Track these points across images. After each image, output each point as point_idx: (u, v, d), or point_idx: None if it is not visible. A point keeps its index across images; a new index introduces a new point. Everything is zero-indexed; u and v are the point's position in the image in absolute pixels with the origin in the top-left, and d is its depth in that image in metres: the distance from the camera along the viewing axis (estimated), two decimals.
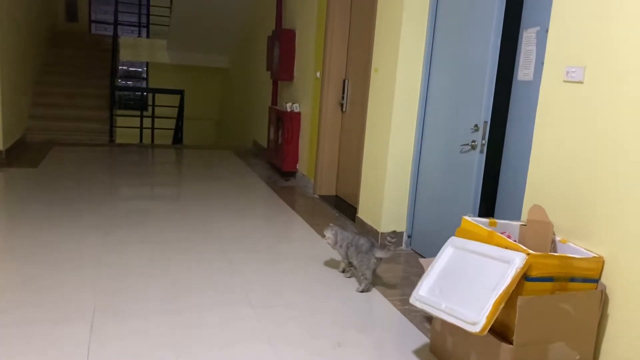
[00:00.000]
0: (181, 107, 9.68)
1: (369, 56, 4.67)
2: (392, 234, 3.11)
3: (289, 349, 2.46)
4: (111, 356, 2.31)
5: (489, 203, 3.37)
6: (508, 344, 2.04)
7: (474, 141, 3.28)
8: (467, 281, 2.14)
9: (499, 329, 2.11)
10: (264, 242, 3.94)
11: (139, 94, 11.95)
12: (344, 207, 5.09)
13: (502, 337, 2.10)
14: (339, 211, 4.95)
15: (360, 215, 4.35)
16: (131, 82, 13.06)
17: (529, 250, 2.02)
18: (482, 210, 3.37)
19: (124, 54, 10.16)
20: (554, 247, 2.36)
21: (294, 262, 3.58)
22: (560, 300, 2.06)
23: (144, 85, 12.56)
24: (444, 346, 2.41)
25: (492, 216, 3.24)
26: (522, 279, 2.01)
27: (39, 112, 8.03)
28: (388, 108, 3.90)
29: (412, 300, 2.30)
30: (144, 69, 12.64)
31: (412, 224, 3.98)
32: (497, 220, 2.48)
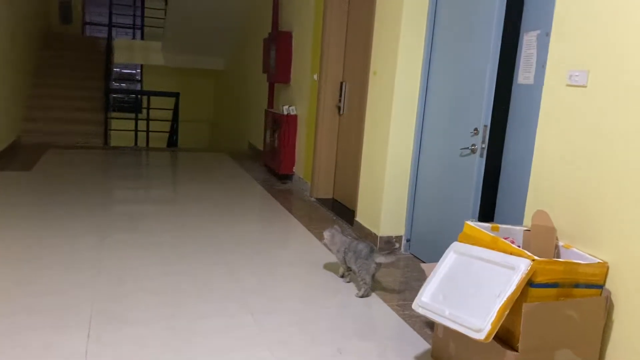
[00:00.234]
0: (176, 109, 9.63)
1: (366, 59, 4.65)
2: (393, 238, 3.08)
3: (290, 356, 2.43)
4: None
5: (488, 207, 3.35)
6: (513, 351, 2.02)
7: (473, 145, 3.26)
8: (470, 287, 2.11)
9: (503, 336, 2.09)
10: (262, 246, 3.90)
11: (133, 96, 11.89)
12: (341, 210, 5.06)
13: (506, 343, 2.07)
14: (336, 214, 4.92)
15: (358, 219, 4.32)
16: (125, 85, 12.99)
17: (534, 256, 2.00)
18: (481, 214, 3.35)
19: (118, 56, 10.10)
20: (558, 252, 2.34)
21: (292, 267, 3.55)
22: (566, 306, 2.04)
23: (139, 87, 12.50)
24: (446, 352, 2.38)
25: (491, 220, 3.23)
26: (526, 285, 1.99)
27: (33, 115, 7.97)
28: (387, 111, 3.88)
29: (414, 307, 2.27)
30: (138, 71, 12.58)
31: (411, 228, 3.96)
32: (499, 225, 2.46)
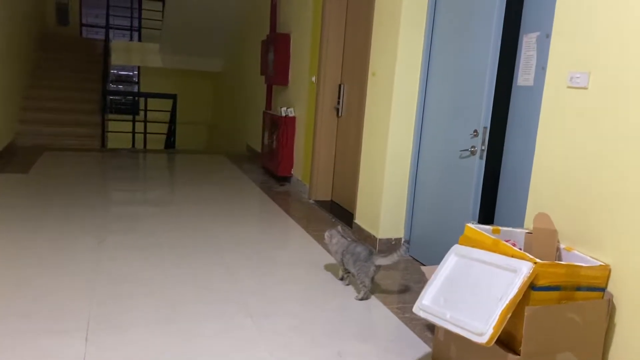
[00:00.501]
0: (174, 111, 9.60)
1: (365, 60, 4.64)
2: (393, 241, 3.07)
3: (289, 359, 2.42)
4: None
5: (488, 209, 3.34)
6: (515, 355, 2.00)
7: (473, 147, 3.25)
8: (472, 290, 2.10)
9: (505, 339, 2.07)
10: (261, 249, 3.89)
11: (130, 98, 11.86)
12: (340, 212, 5.05)
13: (508, 347, 2.06)
14: (335, 217, 4.91)
15: (357, 221, 4.31)
16: (122, 87, 12.96)
17: (536, 259, 1.98)
18: (481, 216, 3.34)
19: (115, 58, 10.08)
20: (559, 255, 2.32)
21: (291, 269, 3.53)
22: (568, 309, 2.03)
23: (136, 89, 12.47)
24: (447, 356, 2.36)
25: (491, 223, 3.22)
26: (528, 288, 1.98)
27: (30, 117, 7.94)
28: (386, 112, 3.86)
29: (415, 310, 2.25)
30: (135, 72, 12.56)
31: (410, 230, 3.94)
32: (500, 228, 2.45)
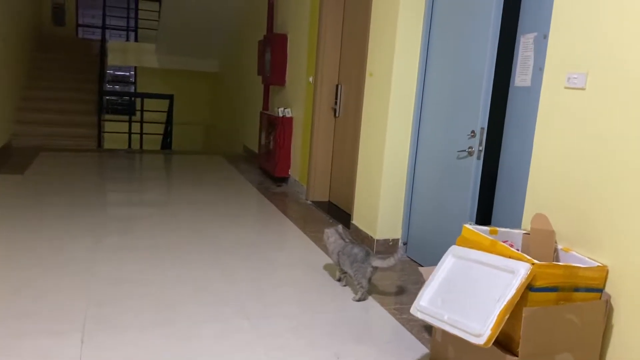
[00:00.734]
0: (170, 111, 9.59)
1: (362, 61, 4.63)
2: (390, 242, 3.06)
3: None
4: None
5: (485, 210, 3.34)
6: (513, 356, 2.00)
7: (470, 147, 3.25)
8: (469, 291, 2.09)
9: (503, 340, 2.07)
10: (258, 250, 3.87)
11: (127, 98, 11.83)
12: (337, 213, 5.04)
13: (506, 348, 2.06)
14: (332, 217, 4.90)
15: (354, 221, 4.30)
16: (119, 87, 12.94)
17: (534, 260, 1.98)
18: (478, 217, 3.34)
19: (112, 59, 10.06)
20: (557, 256, 2.32)
21: (288, 271, 3.52)
22: (566, 311, 2.03)
23: (132, 89, 12.45)
24: (445, 357, 2.36)
25: (489, 223, 3.21)
26: (526, 289, 1.97)
27: (26, 117, 7.91)
28: (383, 113, 3.86)
29: (413, 311, 2.25)
30: (131, 73, 12.53)
31: (407, 230, 3.94)
32: (498, 229, 2.44)
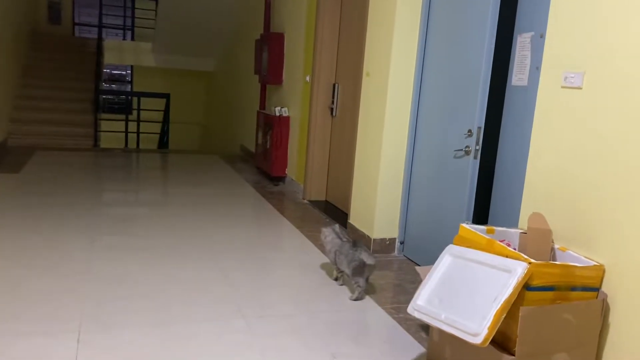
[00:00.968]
0: (167, 111, 9.57)
1: (359, 60, 4.63)
2: (387, 241, 3.05)
3: None
4: None
5: (482, 209, 3.34)
6: (509, 355, 2.00)
7: (467, 146, 3.25)
8: (466, 291, 2.09)
9: (500, 340, 2.07)
10: (254, 249, 3.87)
11: (123, 97, 11.80)
12: (334, 212, 5.03)
13: (502, 347, 2.05)
14: (329, 217, 4.89)
15: (351, 221, 4.30)
16: (115, 86, 12.90)
17: (531, 259, 1.98)
18: (475, 216, 3.34)
19: (108, 57, 10.02)
20: (553, 255, 2.32)
21: (285, 270, 3.51)
22: (562, 310, 2.03)
23: (129, 88, 12.42)
24: (442, 357, 2.36)
25: (485, 223, 3.21)
26: (523, 288, 1.97)
27: (21, 116, 7.87)
28: (380, 112, 3.85)
29: (410, 310, 2.24)
30: (128, 72, 12.50)
31: (404, 230, 3.94)
32: (495, 228, 2.44)
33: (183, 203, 5.03)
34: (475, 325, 1.93)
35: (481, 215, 3.33)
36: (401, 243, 3.96)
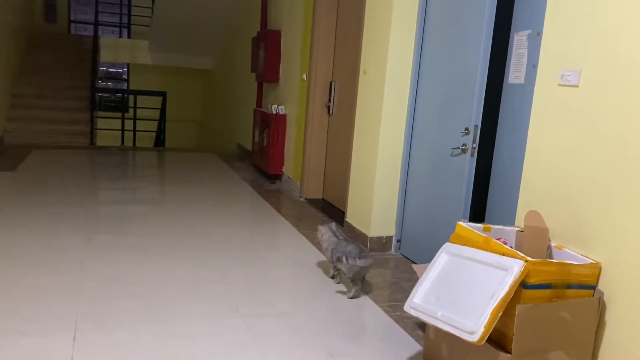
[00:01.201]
0: (163, 109, 9.55)
1: (356, 58, 4.62)
2: (383, 239, 3.05)
3: None
4: None
5: (479, 207, 3.34)
6: (506, 353, 2.00)
7: (464, 144, 3.25)
8: (463, 289, 2.09)
9: (496, 338, 2.07)
10: (251, 247, 3.86)
11: (120, 95, 11.77)
12: (331, 210, 5.03)
13: (499, 346, 2.06)
14: (326, 215, 4.89)
15: (348, 219, 4.30)
16: (112, 84, 12.87)
17: (527, 257, 1.98)
18: (472, 214, 3.34)
19: (104, 55, 9.99)
20: (550, 253, 2.32)
21: (282, 269, 3.51)
22: (559, 308, 2.03)
23: (125, 86, 12.39)
24: (438, 355, 2.36)
25: (482, 221, 3.22)
26: (519, 286, 1.97)
27: (17, 114, 7.85)
28: (377, 111, 3.85)
29: (406, 308, 2.24)
30: (124, 70, 12.46)
31: (401, 228, 3.94)
32: (491, 226, 2.44)
33: (180, 201, 5.02)
34: (472, 323, 1.93)
35: (478, 213, 3.33)
36: (398, 241, 3.96)
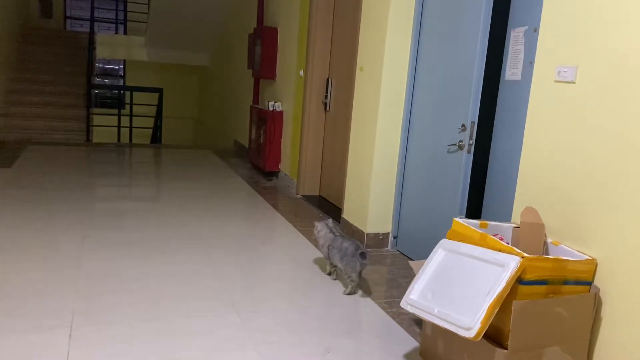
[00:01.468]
0: (160, 105, 9.52)
1: (353, 55, 4.62)
2: (380, 235, 3.06)
3: (277, 356, 2.39)
4: None
5: (476, 203, 3.34)
6: (502, 349, 2.00)
7: (461, 141, 3.25)
8: (459, 285, 2.09)
9: (493, 334, 2.07)
10: (248, 244, 3.86)
11: (116, 92, 11.73)
12: (328, 207, 5.03)
13: (495, 341, 2.06)
14: (323, 212, 4.89)
15: (345, 216, 4.30)
16: (108, 80, 12.83)
17: (524, 254, 1.98)
18: (469, 211, 3.34)
19: (100, 51, 9.95)
20: (546, 249, 2.33)
21: (278, 265, 3.51)
22: (555, 304, 2.03)
23: (121, 83, 12.35)
24: (434, 351, 2.36)
25: (479, 217, 3.22)
26: (516, 282, 1.98)
27: (13, 111, 7.82)
28: (374, 107, 3.85)
29: (403, 305, 2.24)
30: (121, 66, 12.42)
31: (398, 224, 3.94)
32: (488, 222, 2.44)
33: (176, 198, 5.01)
34: (468, 319, 1.94)
35: (474, 210, 3.33)
36: (394, 238, 3.96)
